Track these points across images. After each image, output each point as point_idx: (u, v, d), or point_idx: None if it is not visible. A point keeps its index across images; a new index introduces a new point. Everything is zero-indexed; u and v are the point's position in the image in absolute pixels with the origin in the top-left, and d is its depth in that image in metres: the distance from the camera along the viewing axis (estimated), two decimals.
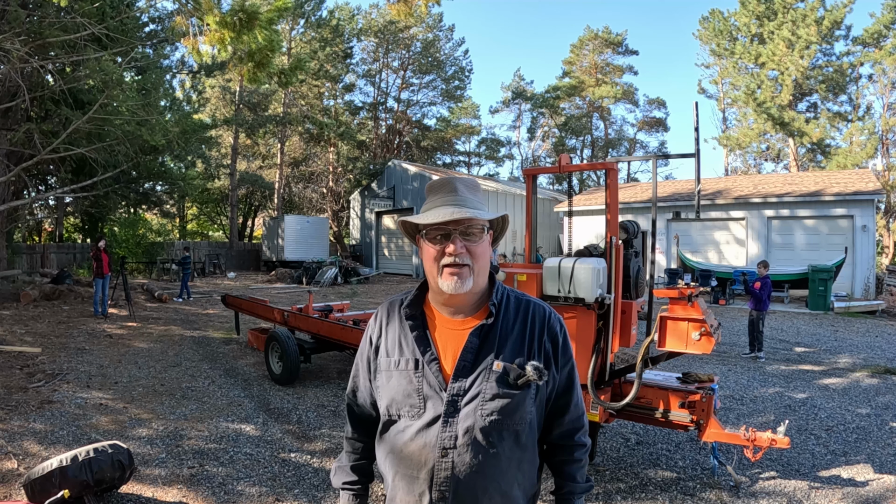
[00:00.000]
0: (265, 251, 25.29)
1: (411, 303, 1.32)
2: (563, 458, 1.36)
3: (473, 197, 1.27)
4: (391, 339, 1.32)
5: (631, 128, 42.63)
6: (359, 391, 1.41)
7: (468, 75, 38.87)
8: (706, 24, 33.92)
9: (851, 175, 17.55)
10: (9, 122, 12.29)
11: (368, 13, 33.99)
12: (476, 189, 1.30)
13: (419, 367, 1.25)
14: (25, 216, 18.11)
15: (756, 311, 7.89)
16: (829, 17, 26.63)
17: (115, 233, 20.45)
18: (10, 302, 11.74)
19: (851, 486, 3.75)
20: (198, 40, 5.76)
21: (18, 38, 9.17)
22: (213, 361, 7.25)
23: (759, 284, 7.95)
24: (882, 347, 8.71)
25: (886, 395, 6.01)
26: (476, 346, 1.24)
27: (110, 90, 10.82)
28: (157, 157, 16.37)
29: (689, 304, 3.52)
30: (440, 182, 1.29)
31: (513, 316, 1.29)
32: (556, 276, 3.60)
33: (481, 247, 1.23)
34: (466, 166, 44.09)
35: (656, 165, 3.82)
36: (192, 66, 18.09)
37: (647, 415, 3.87)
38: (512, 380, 1.20)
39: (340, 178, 31.50)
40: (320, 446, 4.37)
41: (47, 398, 5.43)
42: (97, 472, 3.15)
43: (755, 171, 34.18)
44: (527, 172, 4.43)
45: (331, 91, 32.91)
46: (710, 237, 17.61)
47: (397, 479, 1.25)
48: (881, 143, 26.52)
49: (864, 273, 14.69)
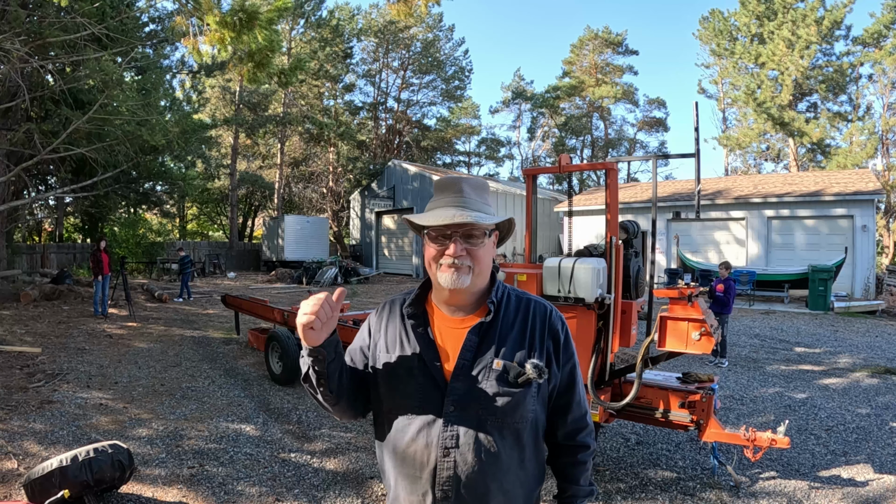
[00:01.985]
0: (265, 251, 25.29)
1: (413, 301, 1.31)
2: (565, 461, 1.34)
3: (479, 199, 1.25)
4: (391, 337, 1.31)
5: (631, 128, 42.71)
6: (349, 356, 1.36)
7: (468, 75, 38.93)
8: (706, 24, 33.94)
9: (851, 175, 17.55)
10: (9, 122, 12.29)
11: (368, 13, 34.05)
12: (483, 190, 1.29)
13: (420, 365, 1.24)
14: (25, 216, 18.10)
15: (719, 315, 7.27)
16: (829, 17, 26.63)
17: (115, 233, 20.45)
18: (10, 302, 11.74)
19: (851, 486, 3.75)
20: (198, 40, 5.76)
21: (18, 38, 9.17)
22: (213, 361, 7.25)
23: (722, 287, 7.42)
24: (882, 347, 8.71)
25: (886, 395, 6.01)
26: (475, 345, 1.23)
27: (110, 90, 10.82)
28: (157, 157, 16.37)
29: (689, 304, 3.52)
30: (447, 181, 1.28)
31: (513, 314, 1.28)
32: (556, 276, 3.60)
33: (482, 250, 1.22)
34: (466, 166, 44.12)
35: (656, 165, 3.82)
36: (192, 66, 18.10)
37: (647, 415, 3.87)
38: (512, 378, 1.20)
39: (340, 178, 31.50)
40: (320, 446, 4.37)
41: (47, 398, 5.43)
42: (97, 472, 3.15)
43: (755, 171, 34.19)
44: (527, 172, 4.43)
45: (331, 91, 32.93)
46: (710, 237, 17.61)
47: (399, 479, 1.25)
48: (881, 143, 26.54)
49: (864, 273, 14.69)
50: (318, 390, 1.23)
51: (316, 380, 1.21)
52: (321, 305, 1.11)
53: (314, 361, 1.19)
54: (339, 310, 1.15)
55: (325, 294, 1.12)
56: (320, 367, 1.19)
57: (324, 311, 1.11)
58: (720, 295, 7.42)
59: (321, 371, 1.19)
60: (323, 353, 1.17)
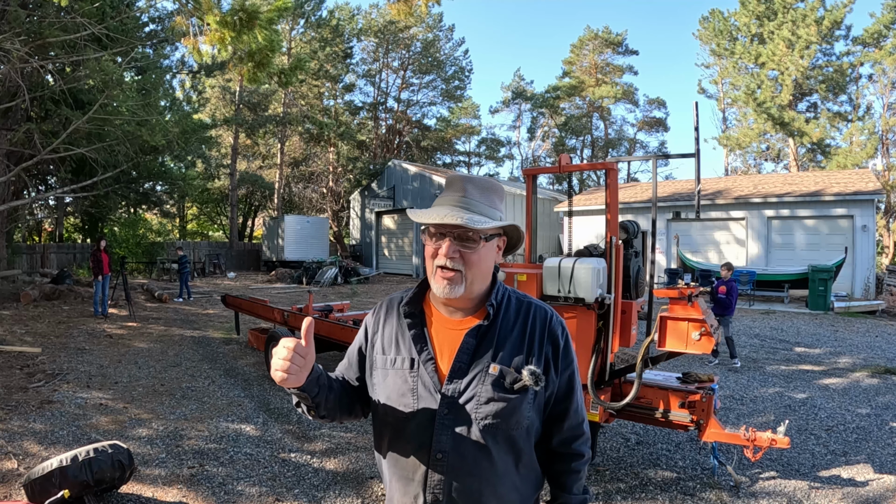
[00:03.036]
0: (265, 251, 25.30)
1: (411, 300, 1.29)
2: (559, 468, 1.31)
3: (484, 201, 1.21)
4: (387, 336, 1.29)
5: (631, 128, 42.67)
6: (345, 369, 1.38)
7: (468, 75, 38.90)
8: (706, 24, 33.93)
9: (851, 175, 17.55)
10: (9, 122, 12.29)
11: (368, 13, 34.03)
12: (491, 192, 1.24)
13: (415, 366, 1.22)
14: (25, 216, 18.10)
15: (721, 317, 7.14)
16: (829, 17, 26.62)
17: (115, 233, 20.46)
18: (10, 302, 11.73)
19: (851, 486, 3.75)
20: (198, 40, 5.76)
21: (18, 38, 9.17)
22: (213, 361, 7.25)
23: (724, 289, 7.25)
24: (882, 347, 8.71)
25: (886, 395, 6.01)
26: (472, 347, 1.21)
27: (110, 90, 10.82)
28: (157, 157, 16.38)
29: (689, 304, 3.52)
30: (453, 178, 1.26)
31: (513, 317, 1.26)
32: (556, 276, 3.60)
33: (477, 255, 1.18)
34: (466, 166, 44.10)
35: (656, 165, 3.82)
36: (192, 66, 18.09)
37: (647, 415, 3.87)
38: (508, 384, 1.18)
39: (340, 178, 31.51)
40: (320, 446, 4.37)
41: (47, 398, 5.43)
42: (97, 472, 3.15)
43: (755, 171, 34.18)
44: (527, 172, 4.43)
45: (331, 91, 32.93)
46: (710, 237, 17.61)
47: (394, 480, 1.25)
48: (881, 143, 26.53)
49: (864, 273, 14.69)
50: (310, 414, 1.28)
51: (306, 409, 1.26)
52: (291, 358, 1.10)
53: (300, 400, 1.23)
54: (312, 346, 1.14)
55: (294, 342, 1.11)
56: (307, 403, 1.23)
57: (295, 363, 1.11)
58: (722, 297, 7.26)
59: (309, 405, 1.24)
60: (305, 394, 1.19)
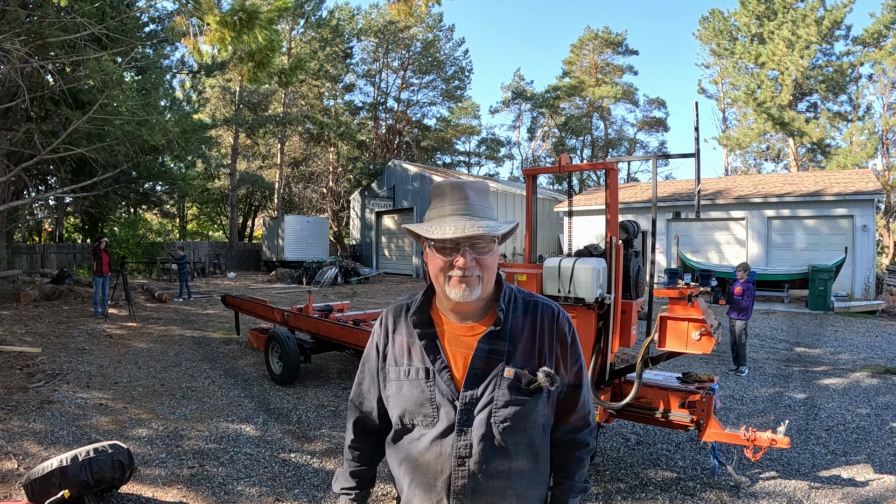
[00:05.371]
0: (265, 251, 25.29)
1: (418, 309, 1.29)
2: (565, 456, 1.34)
3: (484, 204, 1.22)
4: (398, 347, 1.30)
5: (631, 128, 42.67)
6: (365, 400, 1.38)
7: (468, 75, 38.90)
8: (706, 24, 33.92)
9: (851, 175, 17.55)
10: (9, 122, 12.29)
11: (368, 13, 34.02)
12: (486, 193, 1.25)
13: (430, 376, 1.23)
14: (25, 216, 18.10)
15: (740, 320, 7.03)
16: (829, 17, 26.62)
17: (115, 233, 20.45)
18: (10, 302, 11.73)
19: (851, 486, 3.75)
20: (198, 40, 5.76)
21: (18, 38, 9.17)
22: (213, 361, 7.25)
23: (740, 290, 7.05)
24: (882, 347, 8.71)
25: (886, 395, 6.00)
26: (486, 353, 1.22)
27: (110, 90, 10.81)
28: (157, 157, 16.39)
29: (689, 304, 3.52)
30: (449, 186, 1.23)
31: (521, 319, 1.27)
32: (556, 276, 3.60)
33: (491, 258, 1.20)
34: (466, 166, 44.13)
35: (656, 165, 3.82)
36: (192, 66, 18.10)
37: (647, 415, 3.87)
38: (524, 386, 1.20)
39: (340, 178, 31.51)
40: (320, 446, 4.37)
41: (47, 398, 5.43)
42: (97, 472, 3.15)
43: (755, 171, 34.16)
44: (527, 172, 4.43)
45: (331, 91, 32.93)
46: (711, 237, 17.61)
47: (413, 486, 1.25)
48: (881, 143, 26.52)
49: (864, 273, 14.69)
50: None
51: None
52: None
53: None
54: None
55: None
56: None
57: None
58: (738, 298, 7.03)
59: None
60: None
